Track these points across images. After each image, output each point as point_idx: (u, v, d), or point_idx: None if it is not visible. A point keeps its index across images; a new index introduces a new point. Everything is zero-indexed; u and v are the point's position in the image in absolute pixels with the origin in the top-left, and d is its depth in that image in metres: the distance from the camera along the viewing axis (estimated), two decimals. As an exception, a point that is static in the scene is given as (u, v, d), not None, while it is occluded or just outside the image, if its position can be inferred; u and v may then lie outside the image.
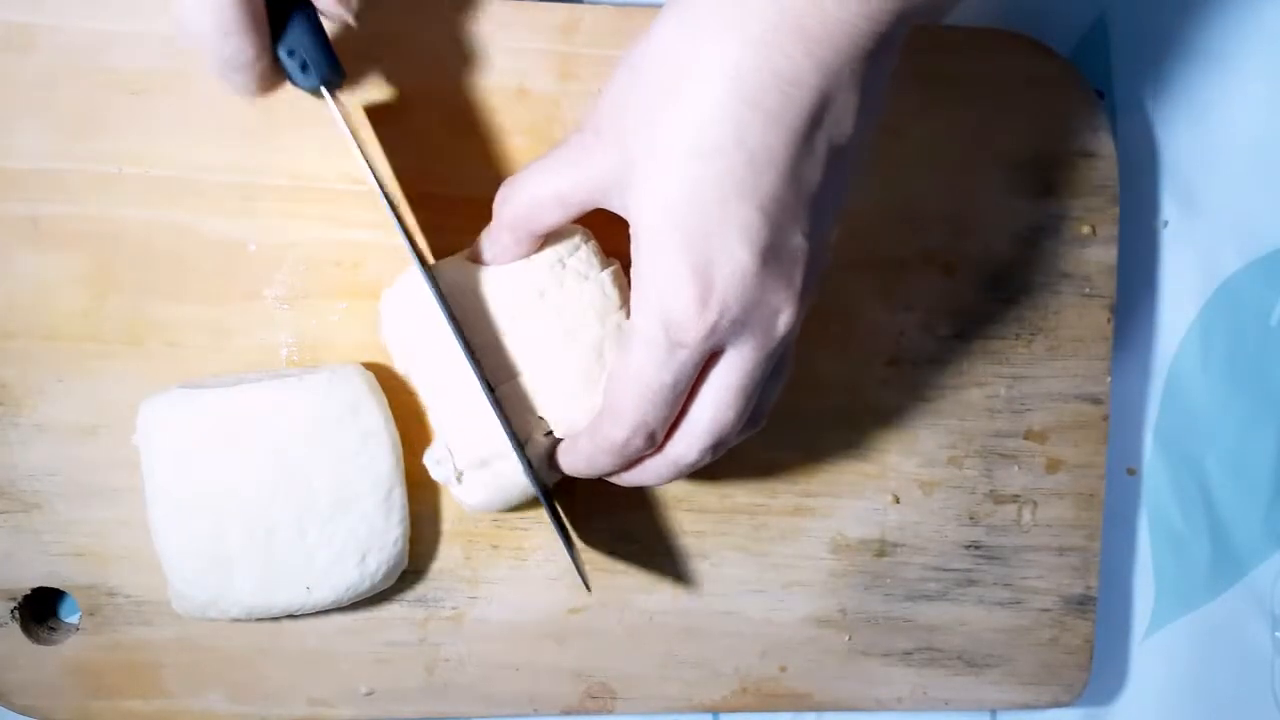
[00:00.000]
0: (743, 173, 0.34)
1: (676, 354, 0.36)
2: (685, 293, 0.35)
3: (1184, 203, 0.55)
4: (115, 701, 0.47)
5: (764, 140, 0.34)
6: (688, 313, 0.35)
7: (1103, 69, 0.54)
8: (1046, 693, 0.53)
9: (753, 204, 0.34)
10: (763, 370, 0.38)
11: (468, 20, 0.46)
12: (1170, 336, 0.55)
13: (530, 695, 0.49)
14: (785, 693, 0.51)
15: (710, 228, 0.35)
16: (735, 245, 0.35)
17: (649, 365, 0.37)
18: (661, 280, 0.36)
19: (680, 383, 0.37)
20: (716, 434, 0.39)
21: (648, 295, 0.36)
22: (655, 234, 0.35)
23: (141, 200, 0.45)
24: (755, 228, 0.35)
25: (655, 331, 0.36)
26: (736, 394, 0.38)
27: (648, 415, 0.38)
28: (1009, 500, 0.52)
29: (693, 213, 0.35)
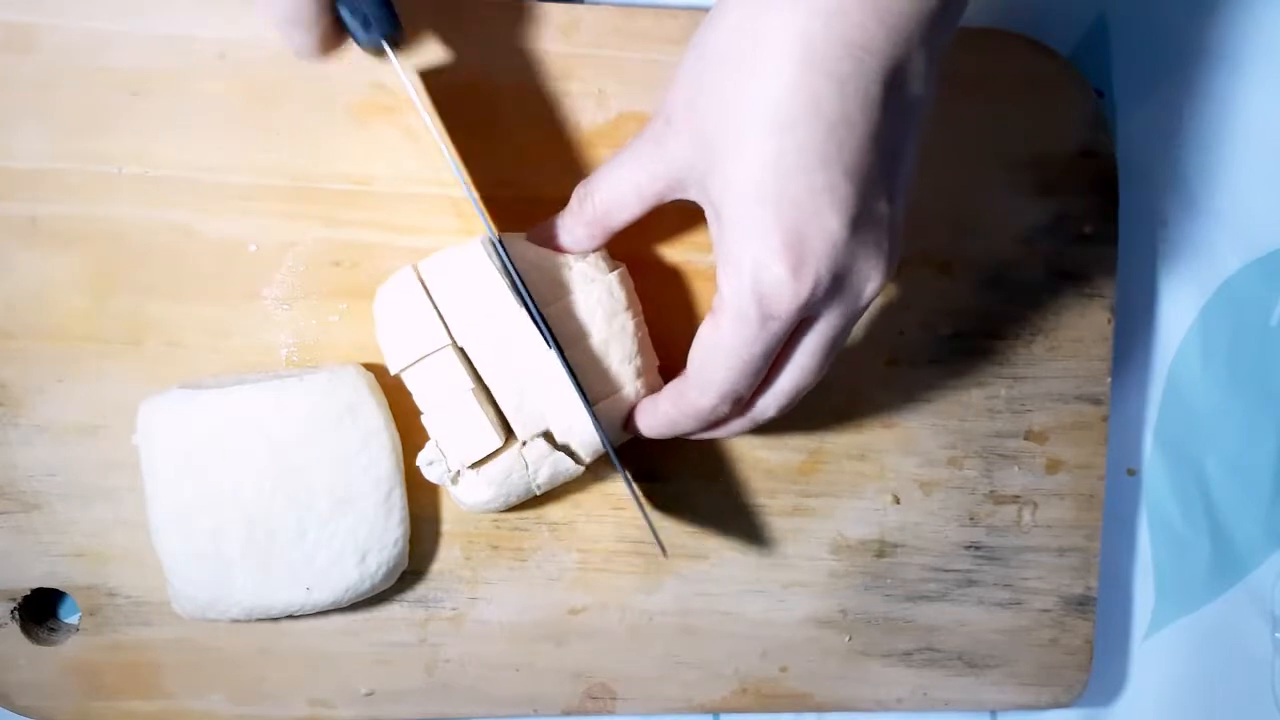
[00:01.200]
0: (824, 142, 0.34)
1: (769, 326, 0.37)
2: (779, 265, 0.35)
3: (1184, 203, 0.55)
4: (115, 702, 0.47)
5: (842, 108, 0.34)
6: (782, 285, 0.36)
7: (1103, 69, 0.54)
8: (1046, 693, 0.53)
9: (838, 172, 0.35)
10: (847, 333, 0.39)
11: (468, 21, 0.46)
12: (1170, 336, 0.55)
13: (530, 696, 0.49)
14: (785, 693, 0.51)
15: (799, 198, 0.35)
16: (825, 214, 0.35)
17: (742, 339, 0.37)
18: (754, 255, 0.36)
19: (771, 352, 0.38)
20: (795, 392, 0.40)
21: (741, 271, 0.36)
22: (742, 210, 0.36)
23: (141, 200, 0.45)
24: (843, 195, 0.35)
25: (748, 306, 0.36)
26: (822, 357, 0.39)
27: (738, 385, 0.39)
28: (1009, 501, 0.52)
29: (779, 185, 0.35)
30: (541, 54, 0.47)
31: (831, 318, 0.38)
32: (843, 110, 0.34)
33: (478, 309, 0.43)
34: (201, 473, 0.43)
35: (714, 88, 0.36)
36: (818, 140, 0.34)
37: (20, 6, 0.44)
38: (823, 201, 0.35)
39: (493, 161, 0.46)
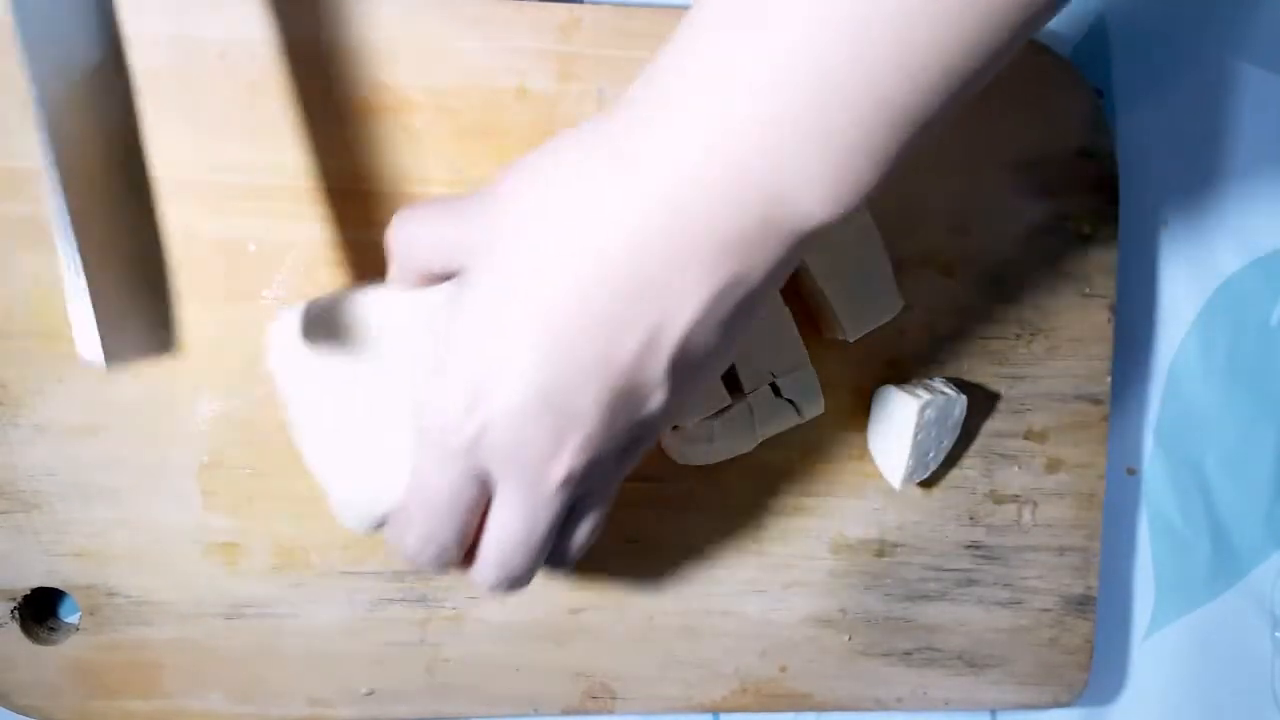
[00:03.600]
0: (552, 318, 0.33)
1: (452, 464, 0.35)
2: (457, 399, 0.34)
3: (1184, 203, 0.55)
4: (115, 701, 0.47)
5: (588, 294, 0.33)
6: (453, 421, 0.34)
7: (1103, 69, 0.54)
8: (1046, 693, 0.53)
9: (547, 346, 0.33)
10: (542, 518, 0.36)
11: (467, 20, 0.46)
12: (1170, 336, 0.55)
13: (530, 696, 0.49)
14: (785, 693, 0.51)
15: (498, 351, 0.34)
16: (512, 375, 0.34)
17: (429, 471, 0.36)
18: (444, 380, 0.35)
19: (457, 496, 0.36)
20: (506, 570, 0.38)
21: (431, 388, 0.35)
22: (461, 324, 0.35)
23: (141, 200, 0.45)
24: (536, 370, 0.33)
25: (432, 432, 0.35)
26: (516, 533, 0.37)
27: (433, 526, 0.37)
28: (1009, 500, 0.52)
29: (489, 330, 0.34)
30: (541, 54, 0.47)
31: (517, 492, 0.36)
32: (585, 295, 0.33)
33: None
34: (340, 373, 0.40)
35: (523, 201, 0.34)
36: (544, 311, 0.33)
37: (20, 6, 0.44)
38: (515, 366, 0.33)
39: (493, 162, 0.46)
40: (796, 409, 0.46)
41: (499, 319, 0.34)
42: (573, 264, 0.33)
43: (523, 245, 0.34)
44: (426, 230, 0.38)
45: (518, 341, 0.34)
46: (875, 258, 0.46)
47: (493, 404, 0.34)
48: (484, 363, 0.34)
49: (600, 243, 0.32)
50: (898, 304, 0.48)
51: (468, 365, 0.34)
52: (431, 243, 0.38)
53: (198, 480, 0.46)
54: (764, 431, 0.47)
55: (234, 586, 0.47)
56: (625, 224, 0.32)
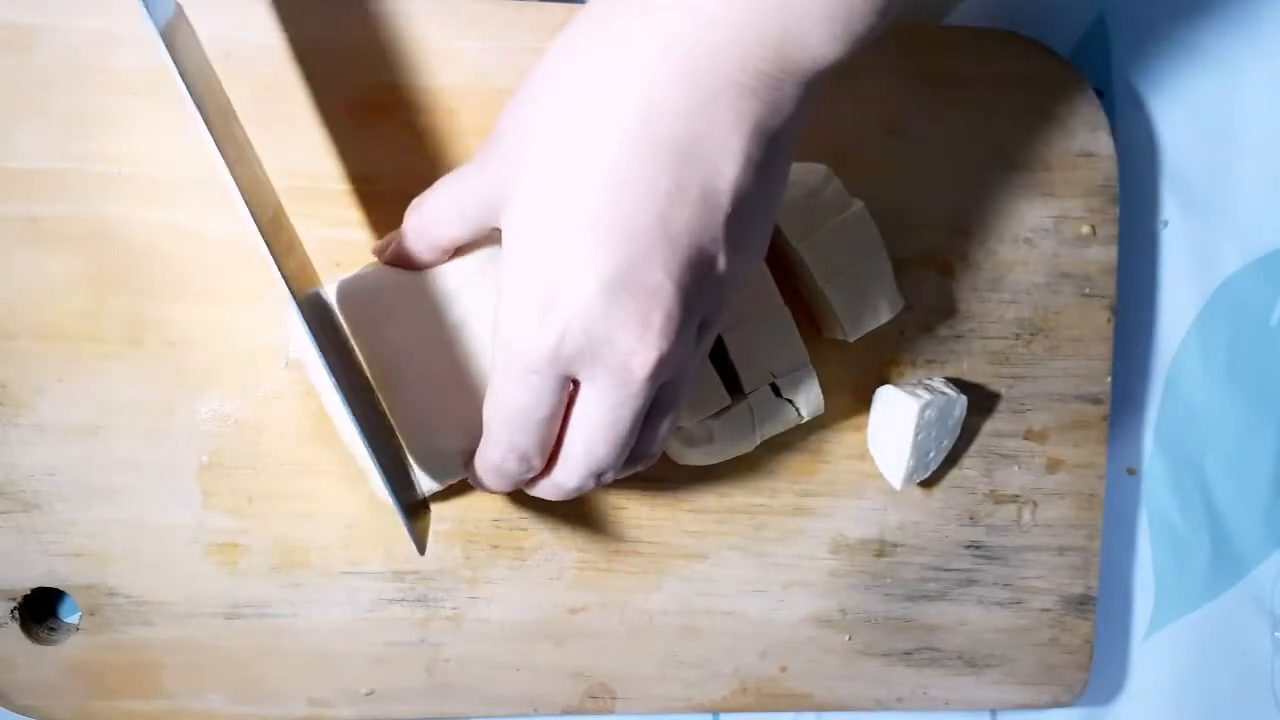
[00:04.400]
0: (600, 199, 0.33)
1: (528, 379, 0.35)
2: (528, 314, 0.34)
3: (1184, 203, 0.55)
4: (115, 701, 0.47)
5: (626, 166, 0.33)
6: (528, 335, 0.34)
7: (1103, 69, 0.54)
8: (1046, 693, 0.53)
9: (606, 232, 0.33)
10: (630, 410, 0.36)
11: (468, 20, 0.46)
12: (1170, 336, 0.55)
13: (530, 695, 0.49)
14: (785, 693, 0.51)
15: (558, 252, 0.34)
16: (579, 270, 0.33)
17: (507, 388, 0.36)
18: (511, 301, 0.35)
19: (539, 409, 0.36)
20: (591, 466, 0.38)
21: (501, 316, 0.35)
22: (511, 256, 0.35)
23: (141, 200, 0.45)
24: (604, 256, 0.33)
25: (508, 353, 0.35)
26: (603, 429, 0.36)
27: (515, 438, 0.37)
28: (1009, 500, 0.52)
29: (544, 236, 0.34)
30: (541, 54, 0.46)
31: (601, 385, 0.35)
32: (623, 167, 0.33)
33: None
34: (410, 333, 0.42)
35: (529, 119, 0.35)
36: (591, 195, 0.33)
37: (21, 6, 0.44)
38: (581, 259, 0.33)
39: (493, 161, 0.46)
40: (796, 409, 0.46)
41: (552, 224, 0.34)
42: (607, 145, 0.33)
43: (552, 149, 0.34)
44: (446, 201, 0.38)
45: (576, 238, 0.33)
46: (875, 258, 0.46)
47: (568, 305, 0.34)
48: (549, 270, 0.34)
49: (628, 115, 0.33)
50: (898, 304, 0.48)
51: (533, 277, 0.34)
52: (456, 210, 0.38)
53: (198, 480, 0.46)
54: (764, 431, 0.47)
55: (234, 586, 0.47)
56: (647, 89, 0.33)
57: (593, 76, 0.34)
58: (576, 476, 0.38)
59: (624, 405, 0.36)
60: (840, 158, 0.48)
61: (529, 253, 0.35)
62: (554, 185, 0.34)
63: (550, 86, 0.35)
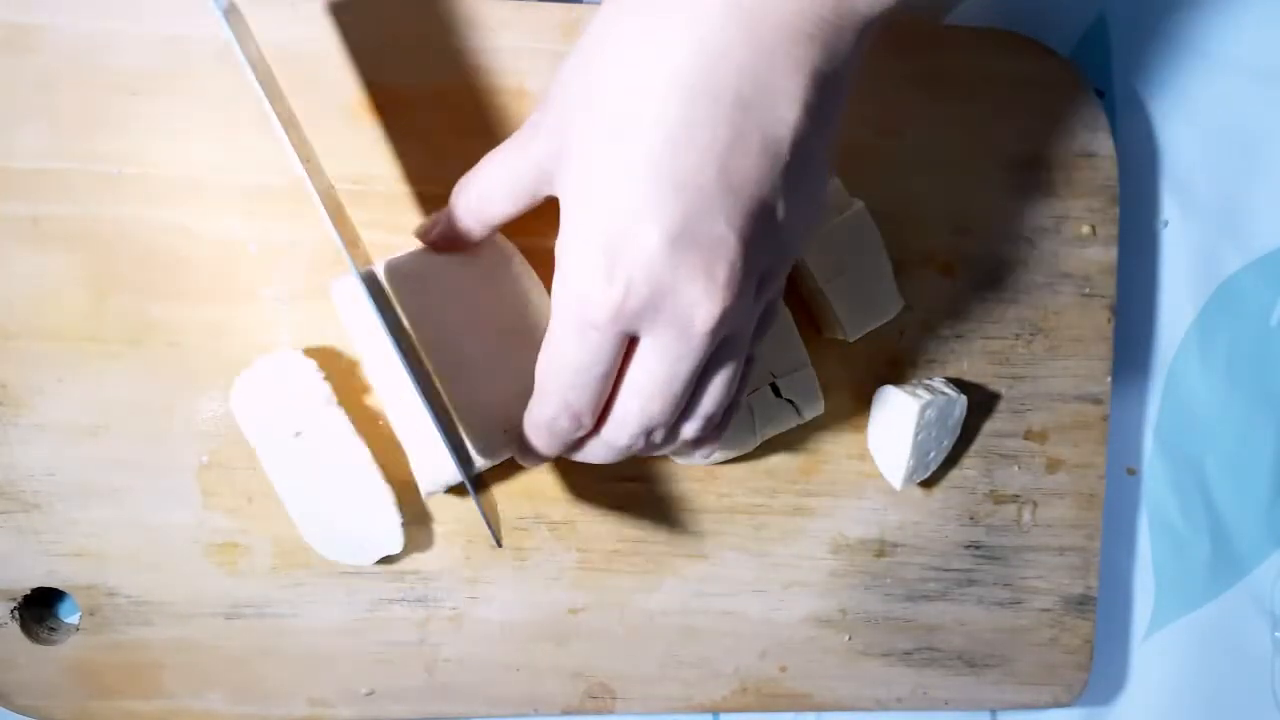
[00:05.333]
0: (661, 152, 0.33)
1: (588, 335, 0.35)
2: (592, 270, 0.34)
3: (1184, 203, 0.55)
4: (115, 701, 0.47)
5: (685, 118, 0.33)
6: (594, 290, 0.34)
7: (1103, 69, 0.54)
8: (1046, 693, 0.53)
9: (668, 185, 0.33)
10: (688, 365, 0.36)
11: (468, 20, 0.46)
12: (1170, 336, 0.55)
13: (530, 695, 0.49)
14: (785, 693, 0.51)
15: (620, 207, 0.34)
16: (644, 225, 0.33)
17: (565, 345, 0.36)
18: (573, 258, 0.35)
19: (597, 365, 0.36)
20: (644, 422, 0.37)
21: (563, 274, 0.35)
22: (573, 213, 0.35)
23: (141, 200, 0.45)
24: (668, 209, 0.33)
25: (568, 311, 0.35)
26: (660, 384, 0.36)
27: (569, 396, 0.37)
28: (1009, 500, 0.52)
29: (608, 192, 0.34)
30: (541, 54, 0.46)
31: (662, 339, 0.35)
32: (684, 119, 0.33)
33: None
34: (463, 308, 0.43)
35: (579, 83, 0.35)
36: (653, 148, 0.33)
37: (20, 6, 0.44)
38: (645, 213, 0.33)
39: (493, 161, 0.46)
40: (796, 409, 0.46)
41: (612, 180, 0.34)
42: (667, 98, 0.33)
43: (610, 107, 0.34)
44: (496, 177, 0.39)
45: (638, 192, 0.33)
46: (875, 258, 0.46)
47: (632, 259, 0.34)
48: (611, 225, 0.34)
49: (687, 67, 0.33)
50: (898, 304, 0.48)
51: (595, 233, 0.34)
52: (507, 185, 0.38)
53: (198, 480, 0.46)
54: (764, 431, 0.47)
55: (234, 586, 0.47)
56: (706, 40, 0.33)
57: (648, 32, 0.33)
58: (628, 434, 0.38)
59: (683, 360, 0.36)
60: (840, 158, 0.48)
61: (589, 210, 0.34)
62: (613, 142, 0.34)
63: (603, 48, 0.35)
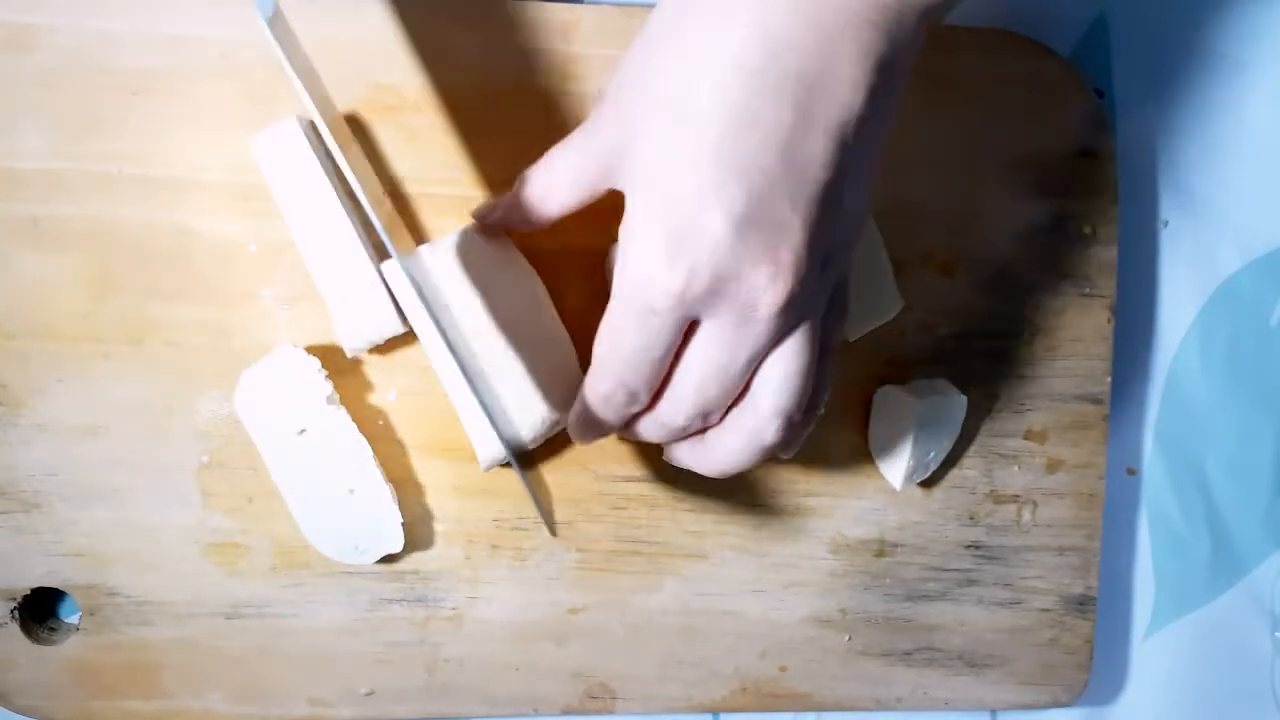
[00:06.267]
0: (724, 136, 0.33)
1: (649, 320, 0.35)
2: (655, 255, 0.34)
3: (1184, 203, 0.55)
4: (115, 701, 0.47)
5: (749, 103, 0.33)
6: (656, 276, 0.34)
7: (1103, 69, 0.54)
8: (1046, 693, 0.53)
9: (732, 169, 0.33)
10: (747, 349, 0.36)
11: (467, 20, 0.46)
12: (1170, 336, 0.55)
13: (530, 695, 0.49)
14: (785, 693, 0.51)
15: (686, 192, 0.34)
16: (709, 210, 0.33)
17: (625, 328, 0.36)
18: (637, 243, 0.35)
19: (656, 348, 0.36)
20: (700, 404, 0.38)
21: (626, 259, 0.36)
22: (638, 200, 0.35)
23: (141, 200, 0.45)
24: (732, 194, 0.33)
25: (630, 293, 0.36)
26: (718, 368, 0.37)
27: (625, 375, 0.37)
28: (1009, 500, 0.52)
29: (672, 177, 0.34)
30: (541, 54, 0.46)
31: (723, 323, 0.35)
32: (750, 105, 0.33)
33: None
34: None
35: (641, 74, 0.35)
36: (718, 135, 0.33)
37: (20, 6, 0.44)
38: (709, 198, 0.33)
39: (493, 162, 0.46)
40: None
41: (677, 165, 0.34)
42: (731, 83, 0.33)
43: (674, 93, 0.34)
44: (561, 168, 0.39)
45: (703, 176, 0.33)
46: (875, 258, 0.46)
47: (697, 244, 0.34)
48: (675, 210, 0.34)
49: (751, 52, 0.33)
50: (898, 304, 0.48)
51: (660, 217, 0.34)
52: (571, 176, 0.39)
53: (198, 480, 0.46)
54: None
55: (234, 586, 0.47)
56: (769, 25, 0.33)
57: (711, 19, 0.34)
58: (684, 415, 0.38)
59: (743, 345, 0.36)
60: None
61: (653, 195, 0.35)
62: (676, 127, 0.34)
63: (665, 37, 0.35)
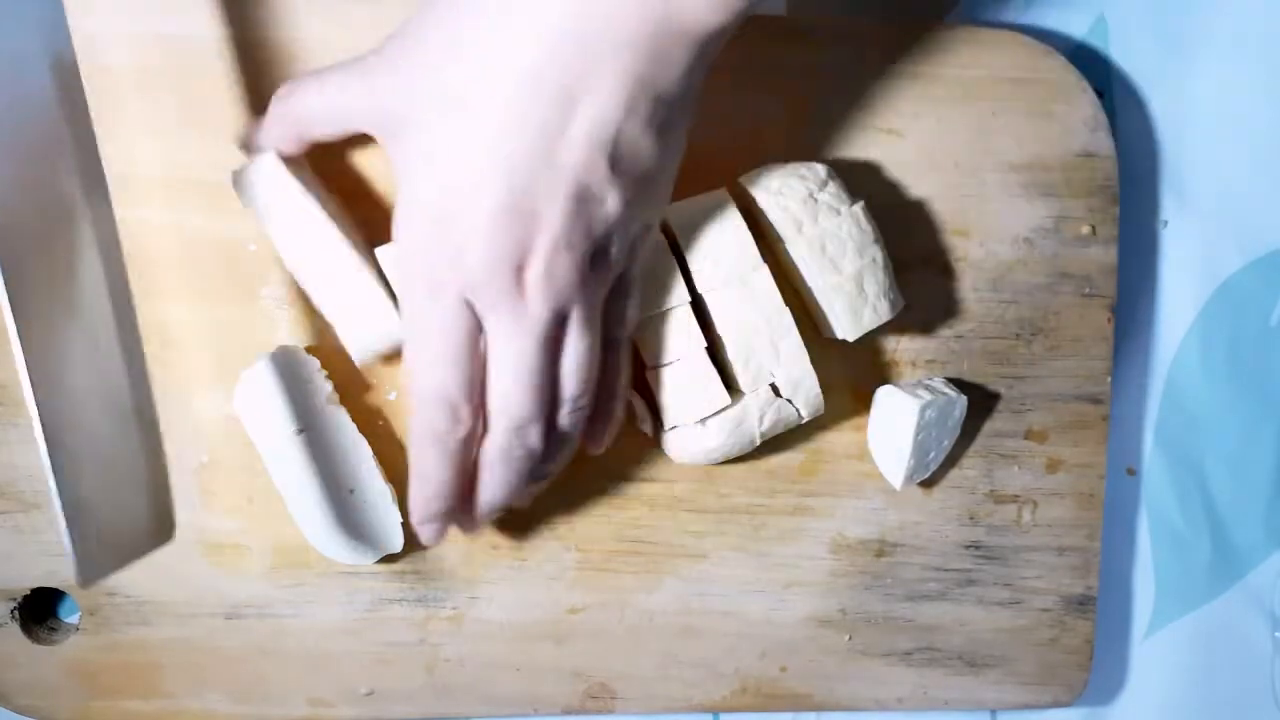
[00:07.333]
0: (491, 130, 0.36)
1: (437, 294, 0.38)
2: (428, 236, 0.37)
3: (1184, 203, 0.55)
4: (115, 701, 0.47)
5: (515, 101, 0.36)
6: (431, 255, 0.37)
7: (1103, 69, 0.54)
8: (1046, 693, 0.53)
9: (498, 160, 0.36)
10: (530, 340, 0.38)
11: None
12: (1170, 336, 0.55)
13: (530, 695, 0.49)
14: (785, 693, 0.51)
15: (454, 177, 0.37)
16: (473, 195, 0.36)
17: (418, 314, 0.39)
18: (412, 224, 0.38)
19: (450, 333, 0.38)
20: (512, 413, 0.39)
21: (400, 240, 0.39)
22: (411, 182, 0.38)
23: (140, 200, 0.45)
24: (492, 183, 0.36)
25: (411, 281, 0.39)
26: (510, 365, 0.39)
27: (438, 374, 0.39)
28: (1009, 500, 0.52)
29: (442, 162, 0.37)
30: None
31: (499, 319, 0.38)
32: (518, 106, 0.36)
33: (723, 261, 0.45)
34: None
35: (427, 41, 0.37)
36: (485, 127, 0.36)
37: (20, 6, 0.44)
38: (475, 184, 0.36)
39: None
40: (796, 409, 0.46)
41: (448, 152, 0.37)
42: (503, 82, 0.36)
43: (450, 81, 0.36)
44: (325, 100, 0.41)
45: (471, 164, 0.36)
46: (875, 258, 0.46)
47: (463, 223, 0.37)
48: (446, 191, 0.37)
49: (524, 57, 0.35)
50: (898, 304, 0.48)
51: (431, 198, 0.37)
52: (330, 112, 0.41)
53: (198, 480, 0.46)
54: (764, 431, 0.47)
55: (234, 586, 0.47)
56: (541, 34, 0.35)
57: (493, 15, 0.36)
58: (503, 432, 0.40)
59: (524, 335, 0.38)
60: (840, 157, 0.48)
61: (426, 179, 0.37)
62: (453, 115, 0.36)
63: (453, 16, 0.37)
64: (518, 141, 0.36)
